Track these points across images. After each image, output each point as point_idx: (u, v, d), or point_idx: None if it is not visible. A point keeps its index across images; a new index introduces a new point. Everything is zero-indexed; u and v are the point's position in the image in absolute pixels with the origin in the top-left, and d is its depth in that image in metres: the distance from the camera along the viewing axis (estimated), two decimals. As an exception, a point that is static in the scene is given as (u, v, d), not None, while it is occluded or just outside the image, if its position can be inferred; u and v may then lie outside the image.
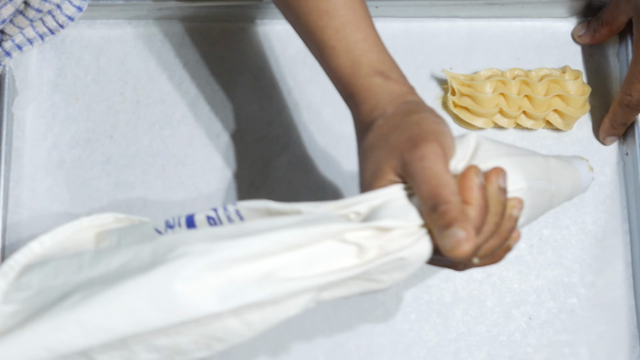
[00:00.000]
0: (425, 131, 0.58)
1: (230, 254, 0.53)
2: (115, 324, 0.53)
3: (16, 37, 0.85)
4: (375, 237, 0.55)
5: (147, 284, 0.53)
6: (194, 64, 0.89)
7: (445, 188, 0.56)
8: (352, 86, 0.64)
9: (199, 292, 0.52)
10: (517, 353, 0.82)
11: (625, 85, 0.82)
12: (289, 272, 0.54)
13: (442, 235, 0.55)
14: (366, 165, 0.60)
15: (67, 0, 0.85)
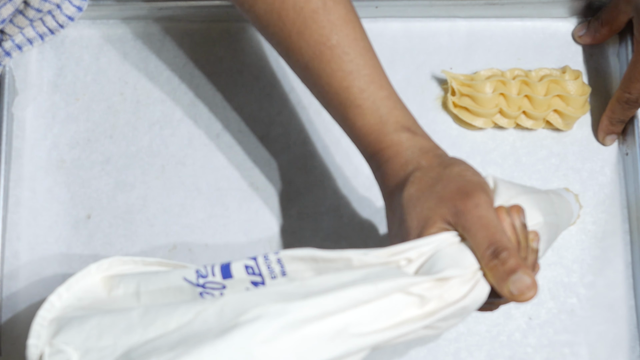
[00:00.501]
0: (471, 182, 0.62)
1: (305, 314, 0.54)
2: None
3: (16, 37, 0.85)
4: (435, 288, 0.57)
5: (226, 349, 0.53)
6: (194, 64, 0.89)
7: (503, 235, 0.59)
8: (381, 142, 0.66)
9: (278, 354, 0.53)
10: (517, 353, 0.82)
11: (624, 83, 0.82)
12: (358, 327, 0.55)
13: (507, 282, 0.58)
14: (411, 216, 0.62)
15: (67, 0, 0.85)
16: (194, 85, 0.88)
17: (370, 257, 0.58)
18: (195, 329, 0.55)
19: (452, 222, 0.60)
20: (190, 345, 0.53)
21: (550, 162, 0.86)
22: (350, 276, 0.57)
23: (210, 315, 0.56)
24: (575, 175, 0.86)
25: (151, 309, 0.58)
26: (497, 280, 0.59)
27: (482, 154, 0.86)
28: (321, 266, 0.59)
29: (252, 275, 0.59)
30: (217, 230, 0.85)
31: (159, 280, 0.61)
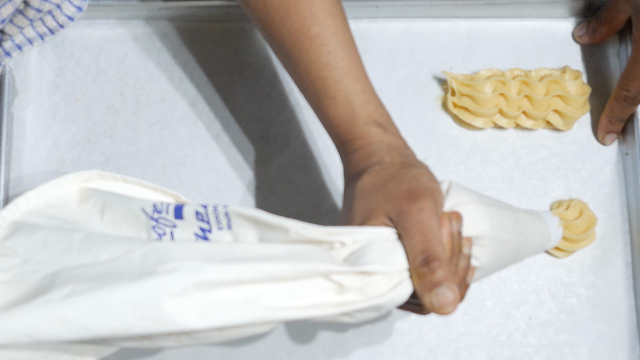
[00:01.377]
0: (423, 186, 0.63)
1: (218, 278, 0.56)
2: (98, 325, 0.55)
3: (16, 37, 0.85)
4: (356, 279, 0.58)
5: (135, 293, 0.55)
6: (194, 64, 0.89)
7: (439, 245, 0.60)
8: (350, 134, 0.68)
9: (184, 309, 0.55)
10: (517, 353, 0.82)
11: (622, 81, 0.82)
12: (271, 301, 0.57)
13: (430, 293, 0.59)
14: (359, 205, 0.63)
15: (67, 0, 0.85)
16: (194, 85, 0.88)
17: (307, 231, 0.60)
18: (120, 266, 0.58)
19: (393, 219, 0.61)
20: (106, 282, 0.56)
21: (550, 162, 0.86)
22: (276, 250, 0.59)
23: (136, 257, 0.58)
24: (575, 175, 0.86)
25: (91, 235, 0.61)
26: (421, 288, 0.60)
27: (482, 154, 0.86)
28: (263, 229, 0.61)
29: (201, 222, 0.61)
30: (217, 230, 0.85)
31: (122, 204, 0.64)
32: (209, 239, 0.61)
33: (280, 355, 0.82)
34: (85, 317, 0.55)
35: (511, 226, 0.70)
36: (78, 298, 0.56)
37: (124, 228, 0.64)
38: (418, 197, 0.61)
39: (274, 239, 0.60)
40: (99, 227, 0.65)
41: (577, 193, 0.85)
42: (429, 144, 0.87)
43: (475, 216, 0.66)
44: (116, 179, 0.68)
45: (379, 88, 0.87)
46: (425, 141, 0.87)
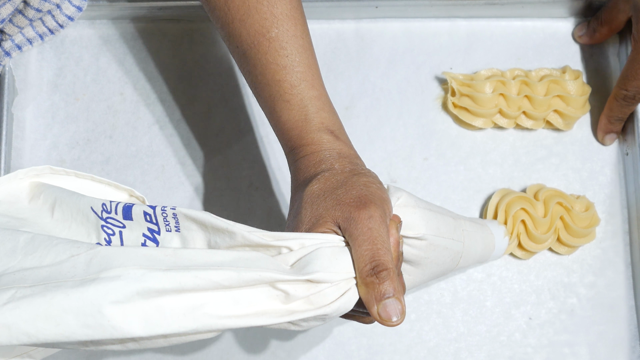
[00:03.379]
0: (373, 194, 0.62)
1: (161, 285, 0.55)
2: (39, 331, 0.55)
3: (16, 37, 0.85)
4: (302, 288, 0.58)
5: (77, 300, 0.55)
6: (194, 64, 0.89)
7: (387, 254, 0.60)
8: (302, 139, 0.67)
9: (126, 317, 0.55)
10: (517, 353, 0.82)
11: (621, 81, 0.82)
12: (215, 309, 0.56)
13: (378, 304, 0.59)
14: (307, 211, 0.63)
15: (67, 0, 0.85)
16: (193, 85, 0.88)
17: (253, 236, 0.59)
18: (63, 270, 0.57)
19: (342, 226, 0.61)
20: (49, 287, 0.55)
21: (550, 162, 0.86)
22: (222, 257, 0.58)
23: (80, 262, 0.57)
24: (575, 175, 0.86)
25: (37, 237, 0.60)
26: (369, 298, 0.59)
27: (482, 154, 0.86)
28: (210, 232, 0.60)
29: (149, 223, 0.61)
30: (217, 230, 0.85)
31: (72, 202, 0.64)
32: (157, 240, 0.61)
33: (280, 355, 0.82)
34: (26, 324, 0.54)
35: (449, 233, 0.70)
36: (19, 304, 0.55)
37: (74, 226, 0.64)
38: (367, 205, 0.61)
39: (221, 242, 0.60)
40: (49, 224, 0.64)
41: (577, 193, 0.85)
42: (429, 144, 0.87)
43: (410, 219, 0.66)
44: (68, 174, 0.68)
45: (379, 88, 0.87)
46: (425, 141, 0.87)
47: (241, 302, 0.57)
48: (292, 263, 0.60)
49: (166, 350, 0.82)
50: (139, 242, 0.61)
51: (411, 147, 0.86)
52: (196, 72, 0.88)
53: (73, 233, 0.63)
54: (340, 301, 0.59)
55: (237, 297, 0.57)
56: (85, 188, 0.67)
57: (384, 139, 0.87)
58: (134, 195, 0.68)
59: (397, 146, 0.86)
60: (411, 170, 0.86)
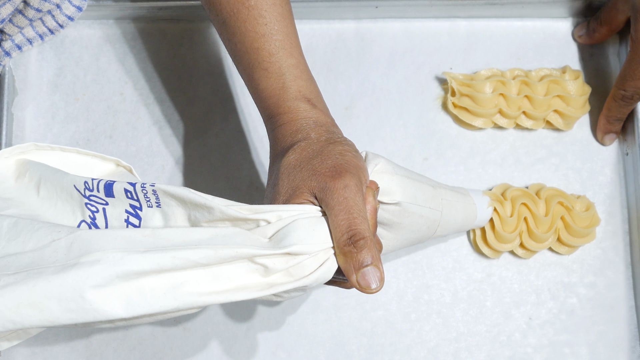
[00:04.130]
0: (348, 163, 0.63)
1: (140, 267, 0.56)
2: (24, 318, 0.56)
3: (16, 37, 0.85)
4: (281, 261, 0.59)
5: (59, 286, 0.56)
6: (193, 64, 0.89)
7: (364, 222, 0.60)
8: (279, 107, 0.67)
9: (108, 300, 0.56)
10: (517, 353, 0.82)
11: (619, 81, 0.82)
12: (195, 286, 0.57)
13: (358, 273, 0.60)
14: (283, 182, 0.63)
15: (67, 0, 0.85)
16: (193, 85, 0.88)
17: (231, 210, 0.60)
18: (45, 256, 0.58)
19: (318, 196, 0.61)
20: (30, 274, 0.57)
21: (550, 162, 0.86)
22: (200, 235, 0.59)
23: (61, 247, 0.58)
24: (575, 175, 0.86)
25: (20, 222, 0.61)
26: (347, 267, 0.60)
27: (482, 154, 0.86)
28: (189, 207, 0.61)
29: (131, 200, 0.62)
30: (217, 230, 0.85)
31: (56, 180, 0.64)
32: (140, 216, 0.62)
33: (281, 355, 0.82)
34: (10, 311, 0.56)
35: (427, 201, 0.71)
36: (3, 292, 0.56)
37: (59, 204, 0.64)
38: (342, 174, 0.61)
39: (200, 217, 0.61)
40: (36, 203, 0.65)
41: (577, 193, 0.85)
42: (429, 144, 0.87)
43: (387, 185, 0.66)
44: (53, 149, 0.68)
45: (379, 88, 0.87)
46: (425, 141, 0.87)
47: (220, 277, 0.58)
48: (270, 235, 0.60)
49: (166, 350, 0.82)
50: (122, 219, 0.62)
51: (411, 147, 0.86)
52: (196, 72, 0.88)
53: (59, 211, 0.64)
54: (319, 271, 0.60)
55: (217, 273, 0.58)
56: (72, 161, 0.68)
57: (384, 139, 0.87)
58: (120, 165, 0.68)
59: (397, 146, 0.86)
60: (411, 170, 0.86)
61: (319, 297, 0.83)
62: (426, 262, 0.84)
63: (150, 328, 0.83)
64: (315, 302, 0.83)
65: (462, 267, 0.84)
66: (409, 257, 0.84)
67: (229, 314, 0.83)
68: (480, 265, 0.84)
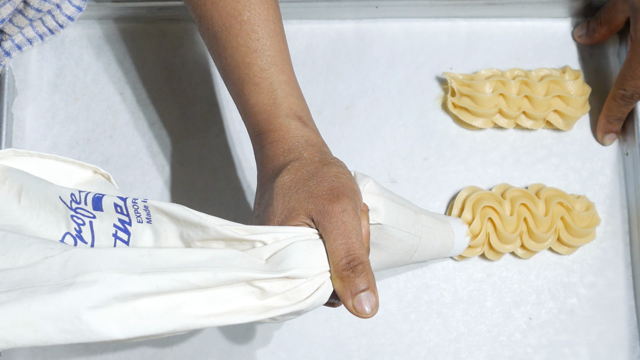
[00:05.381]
0: (344, 187, 0.62)
1: (139, 289, 0.56)
2: (17, 338, 0.55)
3: (16, 37, 0.85)
4: (280, 285, 0.59)
5: (55, 306, 0.55)
6: (193, 64, 0.89)
7: (362, 247, 0.60)
8: (270, 124, 0.67)
9: (104, 321, 0.55)
10: (517, 353, 0.82)
11: (619, 81, 0.82)
12: (192, 309, 0.57)
13: (354, 298, 0.60)
14: (278, 203, 0.63)
15: (67, 0, 0.85)
16: (193, 85, 0.88)
17: (226, 230, 0.59)
18: (38, 273, 0.57)
19: (315, 219, 0.61)
20: (25, 293, 0.55)
21: (550, 162, 0.86)
22: (197, 256, 0.58)
23: (55, 264, 0.57)
24: (575, 175, 0.86)
25: (8, 236, 0.59)
26: (344, 291, 0.60)
27: (482, 154, 0.86)
28: (182, 225, 0.60)
29: (120, 214, 0.61)
30: (217, 230, 0.85)
31: (39, 190, 0.63)
32: (129, 231, 0.61)
33: (281, 355, 0.82)
34: (4, 331, 0.54)
35: (407, 226, 0.71)
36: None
37: (42, 214, 0.63)
38: (340, 198, 0.61)
39: (194, 235, 0.60)
40: (17, 212, 0.63)
41: (577, 193, 0.85)
42: (429, 144, 0.87)
43: (373, 205, 0.66)
44: (32, 155, 0.66)
45: (379, 88, 0.87)
46: (425, 141, 0.87)
47: (217, 300, 0.57)
48: (266, 257, 0.60)
49: (166, 350, 0.82)
50: (110, 233, 0.61)
51: (411, 147, 0.86)
52: (196, 72, 0.88)
53: (42, 221, 0.63)
54: (315, 296, 0.60)
55: (213, 295, 0.57)
56: (50, 168, 0.67)
57: (384, 139, 0.87)
58: (98, 172, 0.67)
59: (397, 146, 0.86)
60: (411, 170, 0.86)
61: (319, 297, 0.83)
62: (426, 261, 0.84)
63: (150, 328, 0.83)
64: (315, 302, 0.83)
65: (462, 267, 0.84)
66: (409, 257, 0.84)
67: (229, 314, 0.83)
68: (480, 265, 0.84)
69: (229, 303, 0.58)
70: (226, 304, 0.58)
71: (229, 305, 0.58)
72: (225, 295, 0.57)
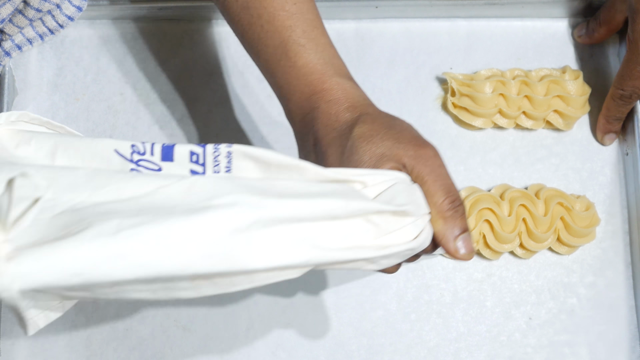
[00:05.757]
0: (423, 138, 0.62)
1: (279, 214, 0.52)
2: (158, 262, 0.49)
3: (16, 37, 0.85)
4: (394, 222, 0.56)
5: (196, 228, 0.50)
6: (194, 64, 0.89)
7: (456, 189, 0.60)
8: (324, 83, 0.65)
9: (247, 247, 0.51)
10: (517, 353, 0.82)
11: (617, 81, 0.82)
12: (322, 241, 0.53)
13: (458, 237, 0.59)
14: (365, 151, 0.61)
15: (67, 0, 0.85)
16: (193, 85, 0.88)
17: (327, 171, 0.56)
18: (158, 202, 0.52)
19: (407, 164, 0.60)
20: (158, 215, 0.50)
21: (550, 162, 0.86)
22: (319, 188, 0.55)
23: (175, 192, 0.53)
24: (575, 175, 0.86)
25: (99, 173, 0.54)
26: (446, 231, 0.59)
27: (482, 154, 0.86)
28: (273, 171, 0.56)
29: (194, 164, 0.56)
30: (217, 230, 0.85)
31: (83, 145, 0.57)
32: None
33: (281, 355, 0.82)
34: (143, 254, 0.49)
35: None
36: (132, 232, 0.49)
37: None
38: (427, 144, 0.61)
39: None
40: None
41: (577, 193, 0.85)
42: (429, 144, 0.87)
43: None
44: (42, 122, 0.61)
45: (379, 88, 0.87)
46: (425, 141, 0.87)
47: (338, 235, 0.54)
48: (372, 198, 0.57)
49: (166, 350, 0.82)
50: None
51: (411, 147, 0.86)
52: (196, 72, 0.88)
53: None
54: (422, 237, 0.58)
55: (336, 229, 0.54)
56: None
57: (384, 139, 0.86)
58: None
59: (397, 146, 0.86)
60: (411, 170, 0.86)
61: (319, 297, 0.83)
62: (426, 262, 0.84)
63: (150, 328, 0.83)
64: (315, 302, 0.83)
65: (462, 267, 0.84)
66: (409, 257, 0.84)
67: (229, 314, 0.83)
68: (480, 265, 0.84)
69: (348, 239, 0.55)
70: (346, 240, 0.55)
71: (347, 242, 0.55)
72: (345, 231, 0.55)
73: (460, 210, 0.59)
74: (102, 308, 0.83)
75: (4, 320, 0.82)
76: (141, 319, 0.83)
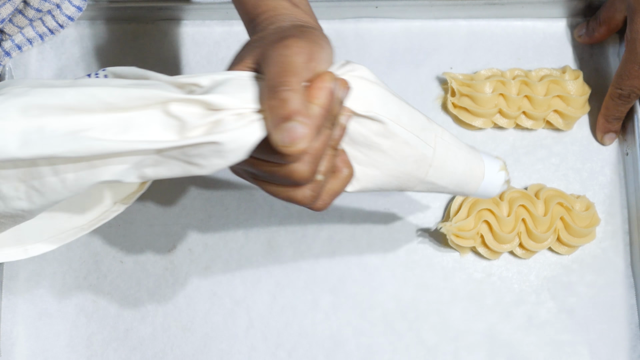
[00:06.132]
0: (303, 33, 0.54)
1: (43, 101, 0.51)
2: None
3: (16, 37, 0.85)
4: (203, 116, 0.51)
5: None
6: (194, 64, 0.89)
7: (295, 76, 0.51)
8: (257, 7, 0.61)
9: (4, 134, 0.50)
10: (517, 353, 0.82)
11: (616, 81, 0.82)
12: (100, 133, 0.51)
13: (279, 128, 0.50)
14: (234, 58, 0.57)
15: (67, 0, 0.85)
16: (193, 85, 0.88)
17: (165, 76, 0.54)
18: None
19: (260, 63, 0.54)
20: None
21: (550, 162, 0.86)
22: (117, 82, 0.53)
23: None
24: (575, 175, 0.86)
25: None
26: (271, 124, 0.51)
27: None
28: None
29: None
30: (217, 230, 0.85)
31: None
32: None
33: (281, 355, 0.82)
34: None
35: (414, 128, 0.59)
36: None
37: None
38: (288, 37, 0.53)
39: None
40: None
41: (577, 193, 0.85)
42: (429, 144, 0.87)
43: (364, 94, 0.56)
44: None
45: (379, 88, 0.87)
46: (425, 141, 0.87)
47: (130, 129, 0.51)
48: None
49: (166, 350, 0.82)
50: None
51: (411, 147, 0.86)
52: (196, 73, 0.88)
53: None
54: (239, 131, 0.51)
55: (126, 123, 0.51)
56: None
57: (384, 138, 0.86)
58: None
59: (397, 146, 0.86)
60: (411, 170, 0.86)
61: (318, 297, 0.83)
62: (426, 261, 0.84)
63: (151, 328, 0.83)
64: (314, 302, 0.83)
65: (462, 266, 0.84)
66: (408, 257, 0.84)
67: (229, 314, 0.83)
68: (480, 265, 0.84)
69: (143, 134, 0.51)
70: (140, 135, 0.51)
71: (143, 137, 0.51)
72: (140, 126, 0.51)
73: (285, 96, 0.50)
74: (103, 308, 0.83)
75: (4, 320, 0.83)
76: (142, 319, 0.83)
